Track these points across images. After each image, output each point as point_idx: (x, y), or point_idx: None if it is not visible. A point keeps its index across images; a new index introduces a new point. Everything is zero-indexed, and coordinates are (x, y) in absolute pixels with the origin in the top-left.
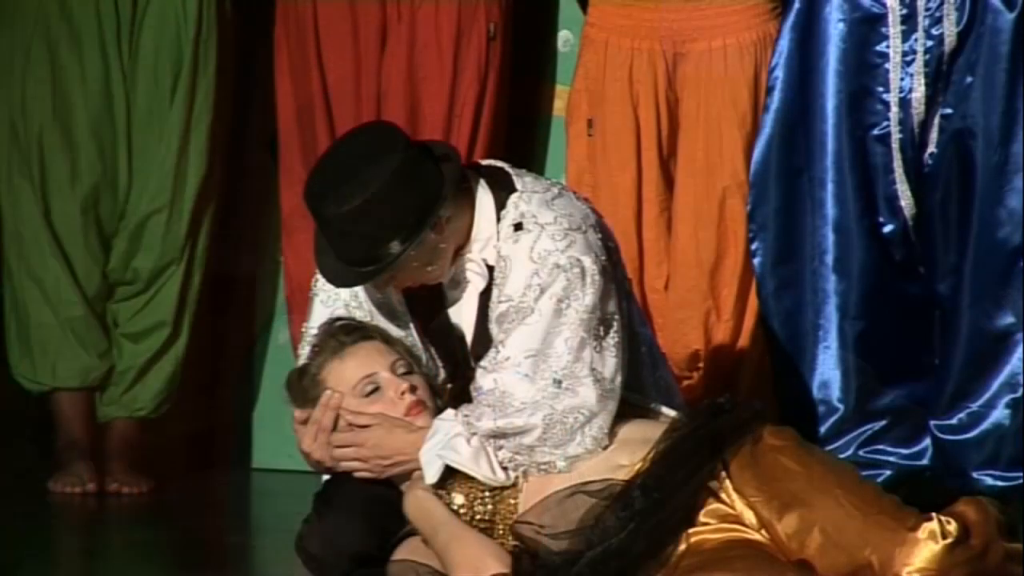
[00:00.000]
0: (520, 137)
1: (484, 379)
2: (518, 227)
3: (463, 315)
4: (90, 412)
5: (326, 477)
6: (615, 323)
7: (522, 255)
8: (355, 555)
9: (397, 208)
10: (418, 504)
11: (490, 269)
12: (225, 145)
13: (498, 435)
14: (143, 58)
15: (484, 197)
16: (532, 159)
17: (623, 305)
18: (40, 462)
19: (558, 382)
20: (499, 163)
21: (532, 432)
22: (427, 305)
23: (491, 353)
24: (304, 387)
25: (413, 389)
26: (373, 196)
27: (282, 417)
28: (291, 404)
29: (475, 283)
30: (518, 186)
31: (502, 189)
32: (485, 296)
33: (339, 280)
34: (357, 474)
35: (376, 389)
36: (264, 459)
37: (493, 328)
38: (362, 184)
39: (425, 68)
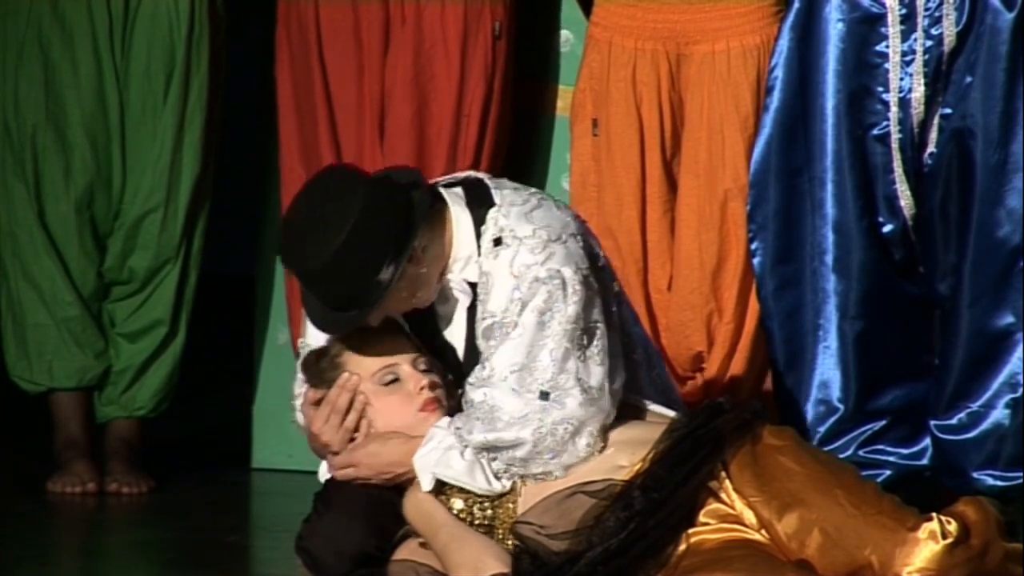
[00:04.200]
0: (523, 137)
1: (474, 393)
2: (497, 242)
3: (454, 332)
4: (88, 412)
5: (326, 477)
6: (598, 330)
7: (503, 270)
8: (355, 555)
9: (368, 252)
10: (418, 506)
11: (474, 286)
12: (219, 143)
13: (489, 448)
14: (136, 57)
15: (461, 215)
16: (535, 159)
17: (612, 309)
18: (40, 462)
19: (545, 394)
20: (478, 174)
21: (523, 446)
22: (424, 326)
23: (477, 369)
24: (321, 368)
25: (433, 386)
26: (341, 247)
27: (282, 417)
28: (305, 383)
29: (461, 301)
30: (496, 199)
31: (480, 204)
32: (472, 312)
33: (328, 327)
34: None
35: (395, 380)
36: (264, 459)
37: (481, 343)
38: (327, 238)
39: (432, 68)
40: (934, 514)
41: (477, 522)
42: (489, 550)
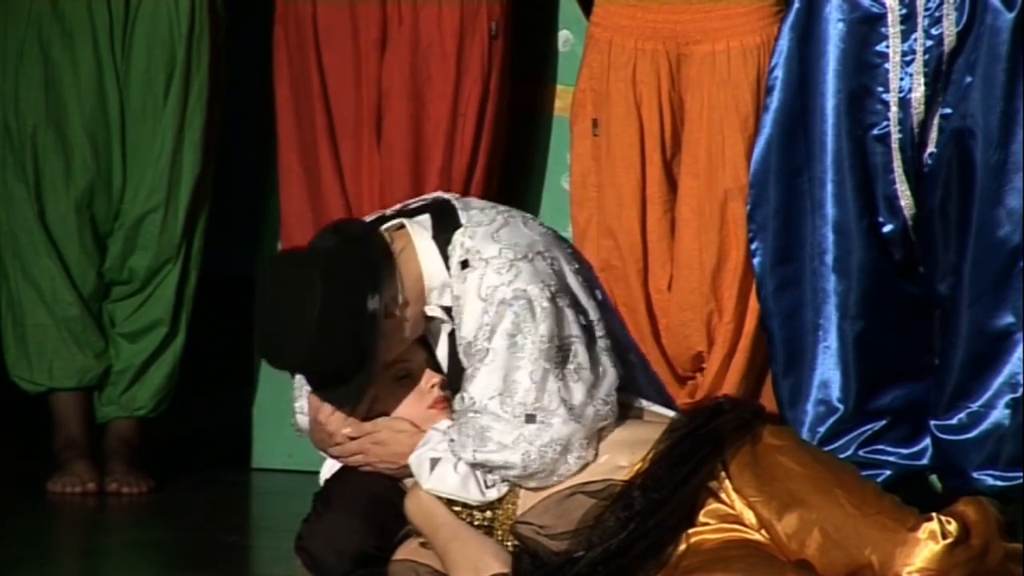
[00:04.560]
0: (520, 137)
1: (463, 414)
2: (464, 264)
3: (441, 355)
4: (89, 412)
5: (325, 477)
6: (574, 346)
7: (471, 293)
8: (355, 555)
9: (345, 323)
10: (419, 505)
11: (451, 311)
12: (219, 143)
13: (481, 465)
14: (136, 57)
15: (426, 248)
16: (534, 159)
17: (593, 320)
18: (40, 462)
19: (530, 417)
20: (445, 195)
21: (513, 469)
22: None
23: (458, 399)
24: None
25: (444, 384)
26: (318, 341)
27: (282, 417)
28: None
29: (444, 327)
30: (463, 220)
31: (445, 229)
32: (454, 336)
33: (342, 401)
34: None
35: (408, 376)
36: (264, 459)
37: (465, 364)
38: (302, 328)
39: (428, 69)
40: (934, 514)
41: (477, 523)
42: (489, 549)
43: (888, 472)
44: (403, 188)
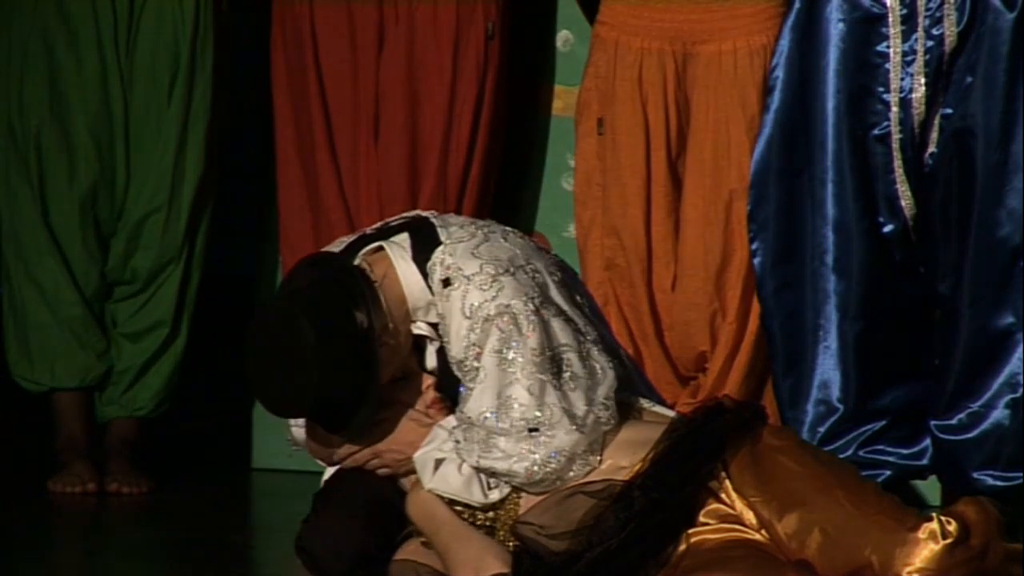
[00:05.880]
0: (520, 137)
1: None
2: (446, 283)
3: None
4: (89, 412)
5: (326, 477)
6: (567, 356)
7: (455, 311)
8: (355, 555)
9: (343, 353)
10: (420, 504)
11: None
12: (222, 144)
13: (485, 471)
14: (140, 57)
15: (405, 268)
16: (533, 159)
17: (580, 327)
18: (40, 462)
19: (533, 430)
20: (424, 213)
21: (516, 478)
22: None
23: (456, 414)
24: None
25: (439, 386)
26: (322, 370)
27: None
28: None
29: (432, 344)
30: (442, 237)
31: (424, 248)
32: (443, 352)
33: (349, 434)
34: (372, 468)
35: (405, 377)
36: (264, 459)
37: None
38: (299, 388)
39: (424, 69)
40: (934, 514)
41: (479, 523)
42: (490, 549)
43: (888, 472)
44: (400, 188)
